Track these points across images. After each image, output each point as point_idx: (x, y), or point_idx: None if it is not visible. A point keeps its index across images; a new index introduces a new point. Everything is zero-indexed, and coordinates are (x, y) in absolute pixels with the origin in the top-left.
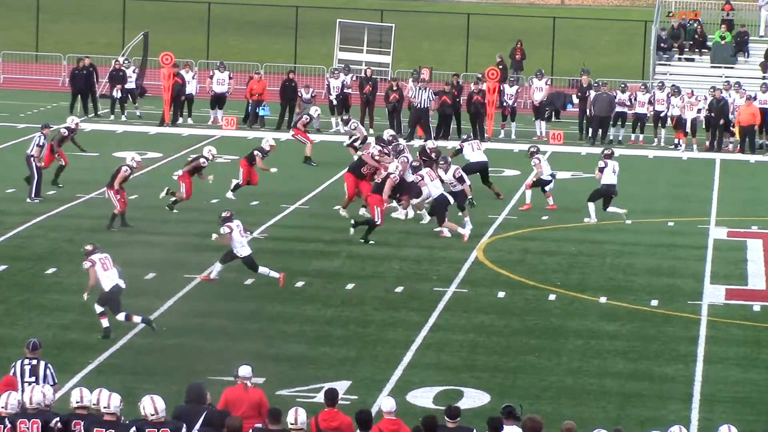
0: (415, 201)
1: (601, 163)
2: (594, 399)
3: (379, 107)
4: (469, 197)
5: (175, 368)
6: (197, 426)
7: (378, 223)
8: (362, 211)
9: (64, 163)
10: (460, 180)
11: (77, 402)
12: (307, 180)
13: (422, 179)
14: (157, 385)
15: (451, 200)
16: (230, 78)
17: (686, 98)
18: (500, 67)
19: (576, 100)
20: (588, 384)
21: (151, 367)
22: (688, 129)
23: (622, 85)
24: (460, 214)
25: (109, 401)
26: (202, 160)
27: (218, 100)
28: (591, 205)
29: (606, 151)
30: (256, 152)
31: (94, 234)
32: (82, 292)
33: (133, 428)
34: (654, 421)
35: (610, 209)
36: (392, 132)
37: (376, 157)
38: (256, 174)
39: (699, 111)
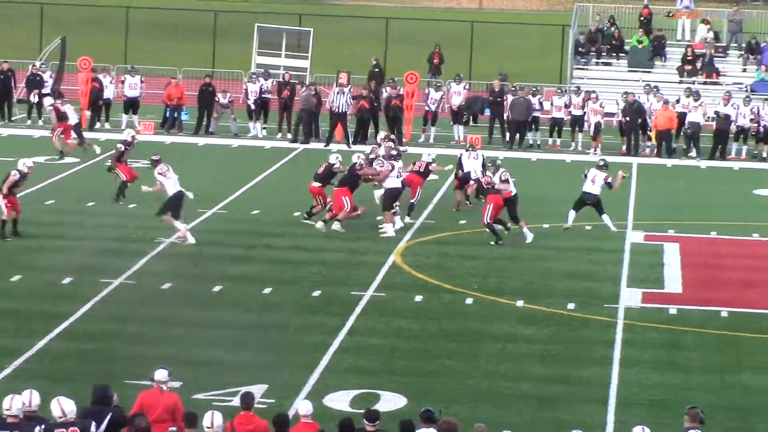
0: None
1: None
2: (511, 402)
3: (297, 112)
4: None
5: (92, 373)
6: (102, 427)
7: None
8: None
9: (125, 178)
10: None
11: None
12: (226, 184)
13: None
14: (74, 390)
15: (190, 195)
16: (142, 82)
17: (590, 103)
18: (376, 70)
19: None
20: (505, 387)
21: (68, 372)
22: (592, 133)
23: (534, 89)
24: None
25: (11, 403)
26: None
27: (131, 105)
28: (571, 213)
29: (599, 162)
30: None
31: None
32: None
33: (38, 428)
34: (570, 423)
35: (604, 218)
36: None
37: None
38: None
39: (612, 115)
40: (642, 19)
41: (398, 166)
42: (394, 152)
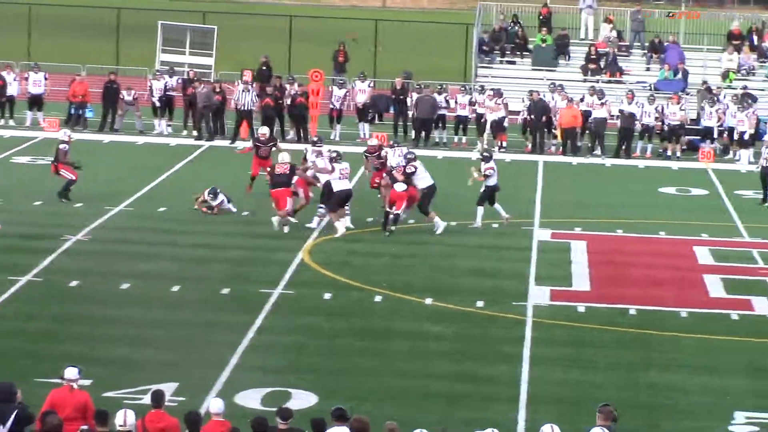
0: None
1: (487, 169)
2: (419, 400)
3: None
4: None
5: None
6: (8, 425)
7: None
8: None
9: (74, 177)
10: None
11: None
12: (132, 181)
13: None
14: None
15: None
16: (46, 79)
17: (487, 101)
18: (264, 68)
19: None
20: (413, 385)
21: None
22: (488, 130)
23: (439, 87)
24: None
25: None
26: None
27: (36, 102)
28: (479, 209)
29: (484, 154)
30: None
31: None
32: None
33: None
34: (479, 422)
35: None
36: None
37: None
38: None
39: (517, 113)
40: (541, 18)
41: (339, 167)
42: (334, 154)
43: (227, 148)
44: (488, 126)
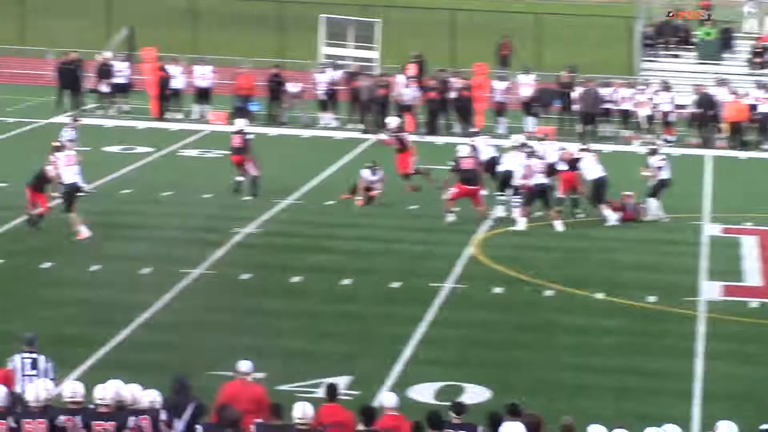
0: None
1: (658, 161)
2: (591, 394)
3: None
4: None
5: (171, 363)
6: (185, 417)
7: None
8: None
9: (257, 173)
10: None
11: (70, 397)
12: (299, 175)
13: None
14: (155, 380)
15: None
16: (213, 72)
17: (637, 96)
18: (416, 59)
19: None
20: (585, 379)
21: (149, 363)
22: (643, 125)
23: (604, 81)
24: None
25: (103, 392)
26: None
27: (203, 95)
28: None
29: (651, 147)
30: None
31: (91, 228)
32: (79, 287)
33: (133, 417)
34: (652, 416)
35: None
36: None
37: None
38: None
39: (683, 107)
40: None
41: (533, 164)
42: (528, 150)
43: None
44: (644, 121)
